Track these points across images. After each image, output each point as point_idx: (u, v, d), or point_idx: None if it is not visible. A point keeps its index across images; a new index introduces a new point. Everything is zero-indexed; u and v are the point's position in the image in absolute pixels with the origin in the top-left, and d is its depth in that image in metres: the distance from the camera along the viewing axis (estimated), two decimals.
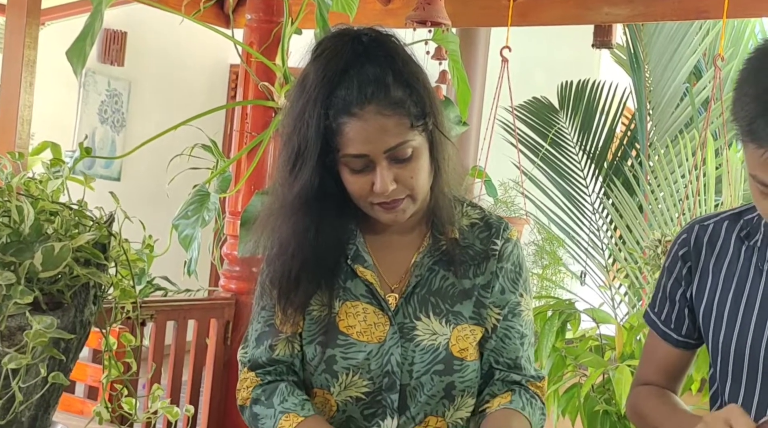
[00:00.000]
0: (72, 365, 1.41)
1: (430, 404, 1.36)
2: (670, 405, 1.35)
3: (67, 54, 2.66)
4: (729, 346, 1.25)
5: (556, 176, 5.23)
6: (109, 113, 6.96)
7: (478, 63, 4.32)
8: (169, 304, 2.90)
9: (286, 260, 1.35)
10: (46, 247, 1.29)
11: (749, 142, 1.06)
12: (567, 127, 5.34)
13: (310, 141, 1.29)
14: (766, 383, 1.22)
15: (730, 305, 1.26)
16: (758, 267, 1.25)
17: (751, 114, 1.06)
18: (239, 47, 3.03)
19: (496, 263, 1.40)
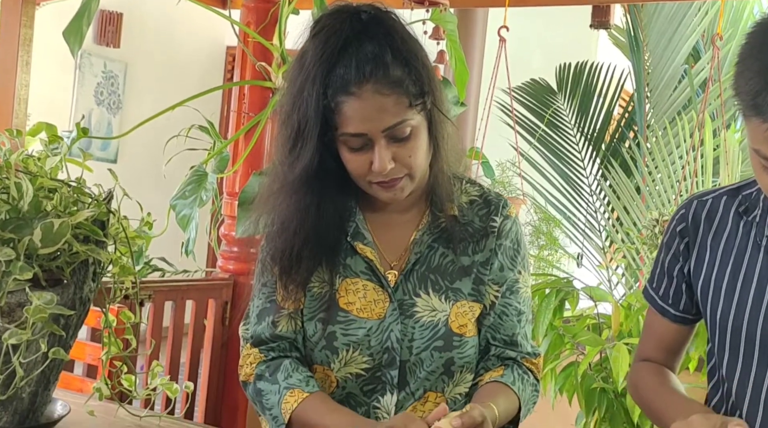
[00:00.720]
0: (72, 342, 1.41)
1: (430, 380, 1.36)
2: (666, 386, 1.36)
3: (64, 34, 2.65)
4: (727, 321, 1.26)
5: (554, 158, 5.22)
6: (105, 95, 6.94)
7: (475, 44, 4.31)
8: (167, 284, 2.90)
9: (287, 237, 1.35)
10: (45, 224, 1.29)
11: (753, 116, 1.06)
12: (565, 108, 5.33)
13: (310, 120, 1.28)
14: (763, 357, 1.22)
15: (728, 280, 1.27)
16: (756, 242, 1.25)
17: (755, 88, 1.05)
18: (236, 27, 3.02)
19: (495, 240, 1.40)
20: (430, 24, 2.94)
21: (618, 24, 5.69)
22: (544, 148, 5.20)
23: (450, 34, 2.94)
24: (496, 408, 1.27)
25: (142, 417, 1.51)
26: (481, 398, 1.32)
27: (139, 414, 1.52)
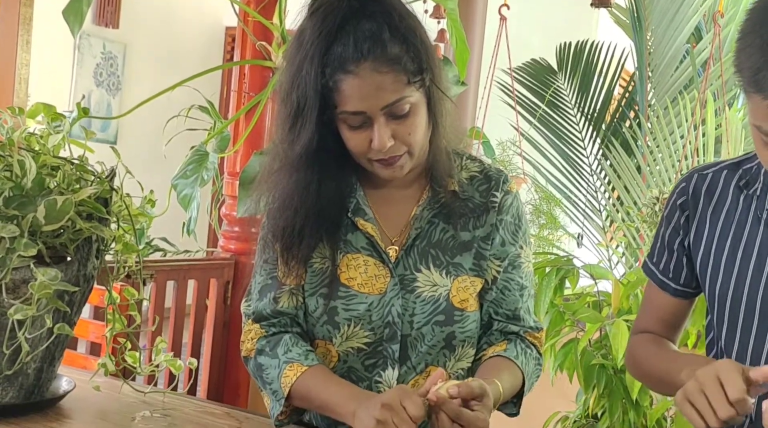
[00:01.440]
0: (76, 318, 1.43)
1: (431, 354, 1.38)
2: (667, 351, 1.37)
3: (64, 13, 2.65)
4: (726, 294, 1.27)
5: (555, 138, 5.21)
6: (104, 76, 6.93)
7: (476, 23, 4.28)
8: (169, 264, 2.91)
9: (289, 215, 1.36)
10: (48, 201, 1.30)
11: (754, 92, 1.06)
12: (565, 88, 5.31)
13: (309, 98, 1.29)
14: (761, 329, 1.24)
15: (728, 253, 1.27)
16: (756, 216, 1.26)
17: (756, 64, 1.05)
18: (236, 6, 3.01)
19: (496, 215, 1.41)
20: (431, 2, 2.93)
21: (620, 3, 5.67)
22: (545, 127, 5.19)
23: (450, 12, 2.93)
24: (501, 384, 1.29)
25: (146, 393, 1.53)
26: (486, 373, 1.33)
27: (143, 390, 1.53)
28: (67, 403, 1.44)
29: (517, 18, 7.12)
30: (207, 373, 3.00)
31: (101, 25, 6.79)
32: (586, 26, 6.95)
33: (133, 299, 1.50)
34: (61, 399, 1.42)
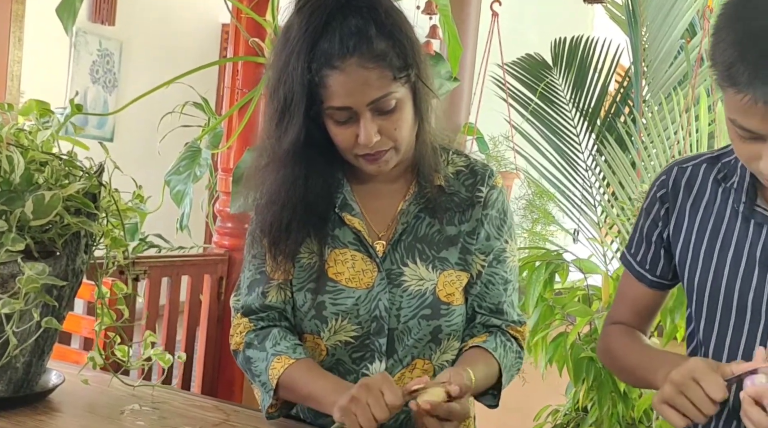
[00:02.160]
0: (65, 312, 1.44)
1: (417, 347, 1.39)
2: (640, 345, 1.38)
3: (57, 11, 2.65)
4: (704, 286, 1.28)
5: (549, 133, 5.22)
6: (100, 73, 6.93)
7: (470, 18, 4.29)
8: (163, 260, 2.91)
9: (276, 210, 1.37)
10: (36, 196, 1.30)
11: (728, 86, 1.08)
12: (560, 83, 5.32)
13: (296, 94, 1.29)
14: (738, 321, 1.25)
15: (707, 245, 1.29)
16: (734, 209, 1.27)
17: (729, 59, 1.07)
18: (229, 4, 3.02)
19: (482, 210, 1.42)
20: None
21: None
22: (540, 122, 5.20)
23: (442, 8, 2.93)
24: (473, 374, 1.30)
25: (135, 387, 1.54)
26: (462, 363, 1.35)
27: (132, 384, 1.54)
28: (56, 397, 1.45)
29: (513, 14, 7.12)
30: (201, 369, 3.01)
31: (97, 22, 6.80)
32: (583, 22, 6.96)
33: (122, 294, 1.50)
34: (51, 392, 1.43)
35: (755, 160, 1.12)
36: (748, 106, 1.06)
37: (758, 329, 1.23)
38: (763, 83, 1.03)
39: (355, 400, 1.20)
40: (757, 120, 1.06)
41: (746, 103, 1.06)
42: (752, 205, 1.25)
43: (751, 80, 1.04)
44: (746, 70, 1.04)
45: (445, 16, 2.96)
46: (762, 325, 1.22)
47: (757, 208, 1.25)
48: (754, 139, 1.10)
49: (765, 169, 1.11)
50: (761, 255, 1.23)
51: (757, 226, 1.24)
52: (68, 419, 1.38)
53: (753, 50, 1.04)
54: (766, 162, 1.10)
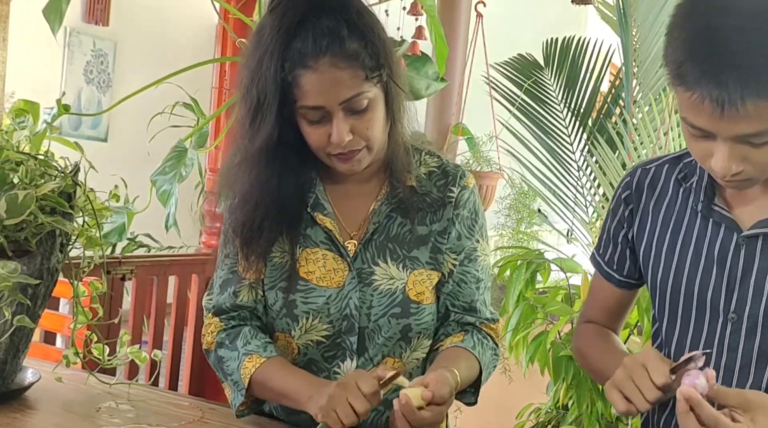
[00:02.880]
0: (40, 311, 1.45)
1: (388, 345, 1.40)
2: (607, 344, 1.40)
3: (44, 12, 2.67)
4: (666, 285, 1.30)
5: (541, 133, 5.24)
6: (94, 74, 6.94)
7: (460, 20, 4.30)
8: (150, 260, 2.93)
9: (248, 210, 1.38)
10: (10, 195, 1.31)
11: (678, 85, 1.10)
12: (552, 83, 5.34)
13: (269, 94, 1.30)
14: (698, 319, 1.27)
15: (668, 245, 1.30)
16: (693, 208, 1.29)
17: (679, 58, 1.09)
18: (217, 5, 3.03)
19: (453, 210, 1.44)
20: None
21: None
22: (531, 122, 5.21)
23: (429, 9, 2.94)
24: (459, 374, 1.32)
25: (111, 385, 1.55)
26: (444, 362, 1.36)
27: (108, 382, 1.55)
28: (32, 394, 1.46)
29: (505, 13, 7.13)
30: (189, 368, 3.02)
31: (91, 22, 6.80)
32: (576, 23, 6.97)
33: (96, 293, 1.51)
34: (26, 390, 1.44)
35: (707, 158, 1.14)
36: (696, 104, 1.08)
37: (717, 325, 1.24)
38: (710, 81, 1.05)
39: (334, 398, 1.22)
40: (705, 118, 1.08)
41: (694, 101, 1.08)
42: (710, 205, 1.27)
43: (699, 79, 1.06)
44: (694, 68, 1.06)
45: (432, 16, 2.97)
46: (720, 322, 1.24)
47: (715, 207, 1.26)
48: (705, 137, 1.12)
49: (716, 167, 1.13)
50: (719, 253, 1.24)
51: (715, 225, 1.26)
52: (42, 416, 1.39)
53: (701, 49, 1.06)
54: (717, 160, 1.12)
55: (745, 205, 1.24)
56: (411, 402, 1.19)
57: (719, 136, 1.10)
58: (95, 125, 6.93)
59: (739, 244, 1.23)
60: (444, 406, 1.23)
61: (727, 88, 1.04)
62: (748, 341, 1.22)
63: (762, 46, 1.02)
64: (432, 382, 1.22)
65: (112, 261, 2.75)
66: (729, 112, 1.05)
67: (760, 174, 1.15)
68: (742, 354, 1.22)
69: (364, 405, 1.21)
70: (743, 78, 1.03)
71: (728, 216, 1.25)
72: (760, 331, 1.21)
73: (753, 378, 1.22)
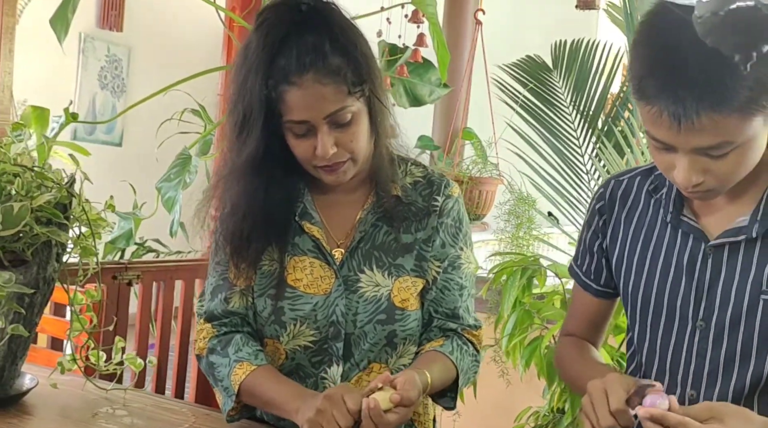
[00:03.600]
0: (37, 319, 1.49)
1: (373, 351, 1.44)
2: (585, 356, 1.43)
3: (51, 22, 2.72)
4: (637, 293, 1.32)
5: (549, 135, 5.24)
6: (109, 79, 7.02)
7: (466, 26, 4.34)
8: (156, 265, 2.97)
9: (237, 220, 1.42)
10: (5, 207, 1.36)
11: (638, 99, 1.13)
12: (560, 86, 5.34)
13: (254, 109, 1.34)
14: (667, 326, 1.29)
15: (639, 255, 1.33)
16: (663, 219, 1.31)
17: (640, 73, 1.12)
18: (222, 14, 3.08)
19: (437, 218, 1.47)
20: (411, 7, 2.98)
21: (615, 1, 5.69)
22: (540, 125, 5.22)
23: (430, 17, 2.97)
24: (429, 375, 1.34)
25: (108, 390, 1.59)
26: (418, 365, 1.39)
27: (105, 387, 1.59)
28: (30, 400, 1.50)
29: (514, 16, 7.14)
30: (195, 375, 3.06)
31: (105, 28, 6.88)
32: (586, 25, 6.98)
33: (93, 300, 1.55)
34: (23, 396, 1.49)
35: (671, 169, 1.17)
36: (656, 117, 1.11)
37: (686, 333, 1.27)
38: (668, 96, 1.08)
39: (321, 412, 1.25)
40: (664, 131, 1.11)
41: (654, 114, 1.11)
42: (679, 215, 1.29)
43: (658, 93, 1.09)
44: (654, 83, 1.10)
45: (433, 23, 3.00)
46: (689, 329, 1.27)
47: (683, 217, 1.29)
48: (667, 149, 1.15)
49: (678, 178, 1.16)
50: (687, 262, 1.27)
51: (684, 235, 1.28)
52: (38, 422, 1.43)
53: (659, 65, 1.10)
54: (678, 171, 1.15)
55: (712, 214, 1.27)
56: (379, 405, 1.23)
57: (679, 149, 1.13)
58: (110, 130, 7.00)
59: (707, 254, 1.26)
60: (411, 407, 1.26)
61: (684, 103, 1.07)
62: (716, 348, 1.24)
63: (717, 62, 1.04)
64: (400, 384, 1.25)
65: (119, 266, 2.80)
66: (686, 125, 1.08)
67: (722, 185, 1.17)
68: (710, 360, 1.25)
69: (348, 421, 1.24)
70: (699, 93, 1.06)
71: (696, 226, 1.27)
72: (726, 338, 1.23)
73: (720, 385, 1.24)
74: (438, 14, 3.00)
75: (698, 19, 0.89)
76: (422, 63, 3.12)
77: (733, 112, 1.06)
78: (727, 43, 0.90)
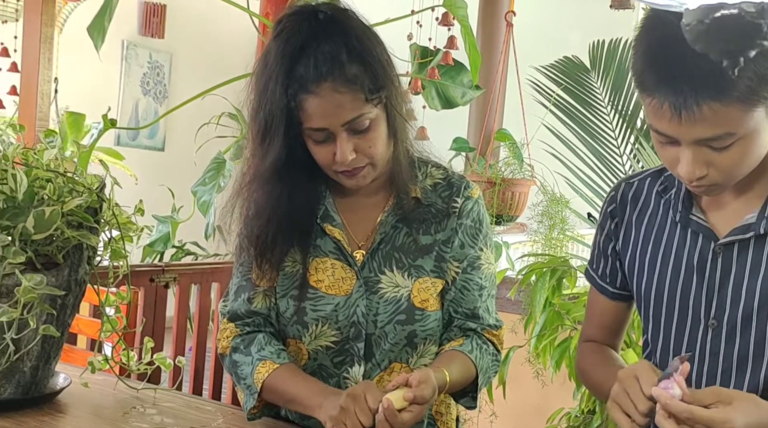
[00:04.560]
0: (69, 320, 1.53)
1: (394, 351, 1.46)
2: (605, 362, 1.42)
3: (88, 30, 2.79)
4: (650, 294, 1.33)
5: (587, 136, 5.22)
6: (151, 85, 7.14)
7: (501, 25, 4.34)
8: (192, 268, 3.02)
9: (262, 224, 1.45)
10: (37, 211, 1.40)
11: (641, 92, 1.14)
12: (598, 86, 5.32)
13: (275, 117, 1.37)
14: (681, 327, 1.29)
15: (650, 255, 1.33)
16: (673, 219, 1.31)
17: (641, 67, 1.14)
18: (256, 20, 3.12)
19: (456, 219, 1.49)
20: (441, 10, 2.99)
21: None
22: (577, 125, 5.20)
23: (461, 19, 2.99)
24: (448, 373, 1.36)
25: (139, 390, 1.63)
26: (437, 363, 1.41)
27: (136, 387, 1.63)
28: (64, 398, 1.55)
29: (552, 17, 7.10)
30: None
31: (147, 35, 6.99)
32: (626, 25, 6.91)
33: (123, 302, 1.59)
34: (57, 394, 1.53)
35: (675, 164, 1.17)
36: (657, 109, 1.12)
37: (698, 332, 1.27)
38: (668, 86, 1.09)
39: (344, 410, 1.28)
40: (666, 123, 1.12)
41: (655, 106, 1.12)
42: (688, 214, 1.29)
43: (657, 84, 1.10)
44: (652, 75, 1.11)
45: (464, 26, 3.01)
46: (701, 328, 1.27)
47: (693, 216, 1.29)
48: (671, 143, 1.16)
49: (681, 172, 1.16)
50: (698, 261, 1.27)
51: (693, 234, 1.28)
52: (71, 419, 1.48)
53: (659, 57, 1.11)
54: (682, 164, 1.15)
55: (721, 212, 1.27)
56: (393, 405, 1.24)
57: (682, 141, 1.14)
58: (152, 135, 7.13)
59: (716, 252, 1.26)
60: (425, 405, 1.27)
61: (683, 93, 1.08)
62: (728, 346, 1.24)
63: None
64: (414, 381, 1.27)
65: (156, 269, 2.85)
66: (686, 115, 1.09)
67: (726, 179, 1.17)
68: (723, 359, 1.25)
69: (369, 419, 1.26)
70: (698, 83, 1.07)
71: (705, 225, 1.27)
72: (739, 336, 1.23)
73: (734, 383, 1.24)
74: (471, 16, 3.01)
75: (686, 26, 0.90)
76: (454, 65, 3.14)
77: (733, 102, 1.07)
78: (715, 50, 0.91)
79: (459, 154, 4.19)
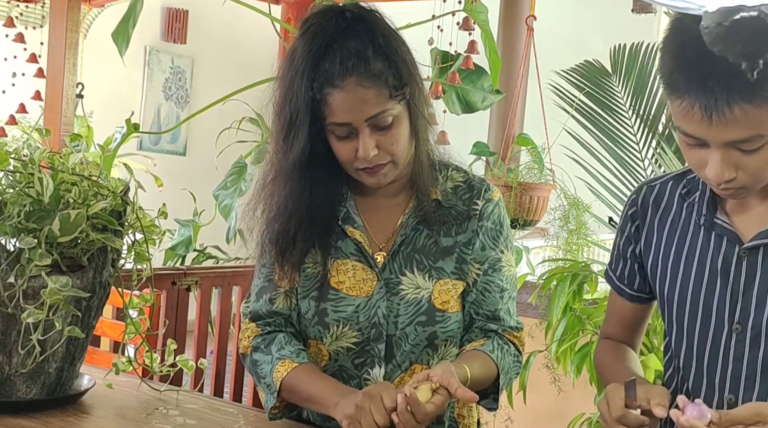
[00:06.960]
0: (94, 322, 1.55)
1: (415, 352, 1.46)
2: (620, 361, 1.43)
3: (113, 36, 2.82)
4: (673, 297, 1.32)
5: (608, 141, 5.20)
6: (173, 90, 7.19)
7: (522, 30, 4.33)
8: (213, 271, 3.04)
9: (283, 221, 1.47)
10: (63, 214, 1.42)
11: (669, 94, 1.14)
12: (619, 90, 5.30)
13: (300, 111, 1.39)
14: (703, 330, 1.29)
15: (673, 258, 1.33)
16: (697, 222, 1.31)
17: (669, 69, 1.13)
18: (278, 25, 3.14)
19: (477, 222, 1.50)
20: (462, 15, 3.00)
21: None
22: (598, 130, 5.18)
23: (482, 24, 2.99)
24: (469, 370, 1.36)
25: (162, 391, 1.64)
26: (459, 360, 1.41)
27: (158, 388, 1.65)
28: (88, 399, 1.57)
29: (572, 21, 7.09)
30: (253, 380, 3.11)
31: (170, 41, 7.06)
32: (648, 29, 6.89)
33: (146, 304, 1.61)
34: (81, 395, 1.55)
35: (702, 166, 1.17)
36: (686, 111, 1.11)
37: (722, 337, 1.26)
38: (698, 87, 1.09)
39: (359, 408, 1.28)
40: (695, 124, 1.12)
41: (684, 108, 1.11)
42: (712, 218, 1.29)
43: (687, 86, 1.10)
44: (682, 76, 1.11)
45: (485, 31, 3.02)
46: (725, 332, 1.26)
47: (717, 220, 1.28)
48: (699, 145, 1.16)
49: (709, 174, 1.16)
50: (722, 265, 1.27)
51: (717, 238, 1.28)
52: (95, 420, 1.49)
53: (688, 58, 1.10)
54: (710, 167, 1.15)
55: (746, 216, 1.27)
56: (415, 394, 1.24)
57: (711, 143, 1.13)
58: (174, 140, 7.18)
59: (741, 256, 1.25)
60: (447, 396, 1.27)
61: (714, 94, 1.07)
62: (753, 350, 1.24)
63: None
64: (437, 375, 1.27)
65: (178, 272, 2.88)
66: (717, 118, 1.08)
67: (754, 181, 1.17)
68: (748, 364, 1.24)
69: (384, 418, 1.26)
70: (728, 84, 1.06)
71: (730, 228, 1.27)
72: (763, 341, 1.23)
73: (759, 388, 1.23)
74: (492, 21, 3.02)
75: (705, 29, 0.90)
76: (474, 70, 3.14)
77: (764, 103, 1.07)
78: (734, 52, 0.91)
79: (479, 159, 4.19)
